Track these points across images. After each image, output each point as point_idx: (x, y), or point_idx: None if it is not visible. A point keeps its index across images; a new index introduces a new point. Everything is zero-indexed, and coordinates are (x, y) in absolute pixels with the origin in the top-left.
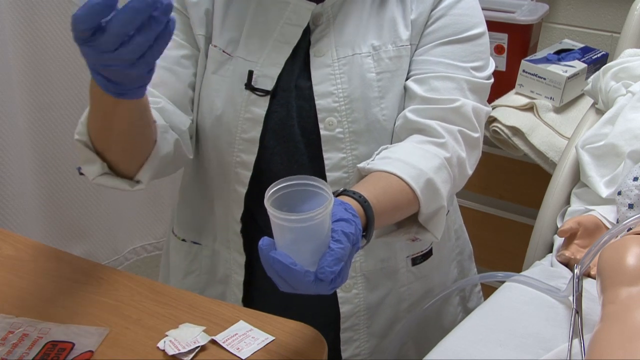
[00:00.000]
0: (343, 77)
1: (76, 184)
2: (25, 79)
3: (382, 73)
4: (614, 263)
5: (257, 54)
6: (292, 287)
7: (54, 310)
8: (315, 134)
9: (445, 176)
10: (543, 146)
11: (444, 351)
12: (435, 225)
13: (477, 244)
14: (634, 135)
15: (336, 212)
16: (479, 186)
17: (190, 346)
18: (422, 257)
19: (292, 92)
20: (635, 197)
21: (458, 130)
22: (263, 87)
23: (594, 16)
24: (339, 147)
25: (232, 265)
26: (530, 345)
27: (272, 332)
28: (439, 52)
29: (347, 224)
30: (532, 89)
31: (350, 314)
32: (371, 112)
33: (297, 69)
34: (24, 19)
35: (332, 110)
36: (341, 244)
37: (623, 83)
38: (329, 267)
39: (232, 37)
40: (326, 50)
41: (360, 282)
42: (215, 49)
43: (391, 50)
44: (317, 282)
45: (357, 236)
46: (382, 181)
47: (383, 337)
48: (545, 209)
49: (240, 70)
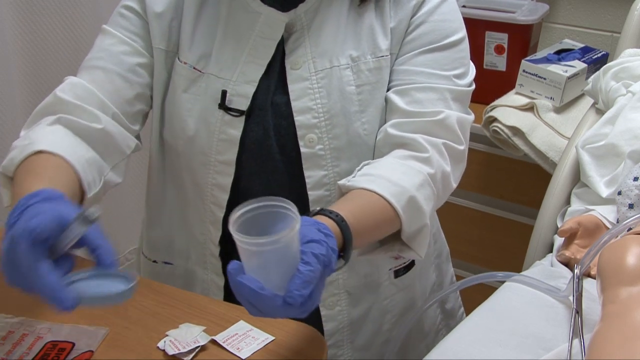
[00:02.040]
0: (322, 91)
1: None
2: (25, 79)
3: (362, 86)
4: (614, 263)
5: (230, 71)
6: (261, 312)
7: (54, 311)
8: (294, 151)
9: (428, 193)
10: (543, 146)
11: (444, 351)
12: (418, 244)
13: (477, 244)
14: (634, 135)
15: (307, 233)
16: (479, 186)
17: (191, 346)
18: (404, 269)
19: (269, 110)
20: (636, 197)
21: (442, 143)
22: (237, 107)
23: (594, 16)
24: (320, 165)
25: (209, 285)
26: (530, 345)
27: (272, 332)
28: (420, 61)
29: (318, 245)
30: (532, 89)
31: (334, 331)
32: (352, 127)
33: (272, 85)
34: (24, 19)
35: (311, 126)
36: (310, 266)
37: (623, 83)
38: (297, 291)
39: (202, 52)
40: (302, 62)
41: (344, 298)
42: (185, 66)
43: (370, 61)
44: (285, 306)
45: (328, 257)
46: (362, 199)
47: (367, 350)
48: (545, 209)
49: (212, 88)
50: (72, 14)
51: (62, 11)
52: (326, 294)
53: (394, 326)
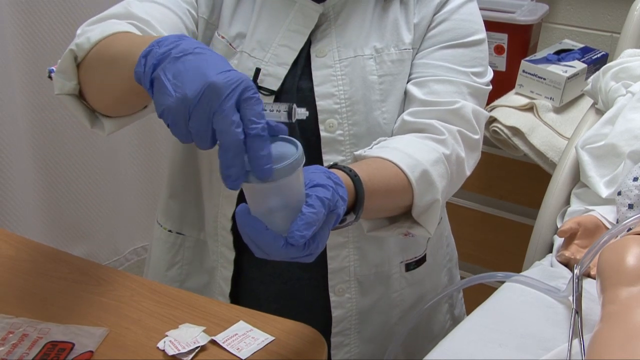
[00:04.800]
0: (344, 78)
1: (76, 184)
2: (25, 79)
3: (384, 76)
4: (613, 263)
5: (263, 52)
6: (264, 252)
7: (54, 311)
8: (315, 135)
9: (442, 170)
10: (543, 146)
11: (444, 351)
12: (428, 220)
13: (477, 244)
14: (633, 135)
15: (314, 177)
16: (479, 186)
17: (190, 346)
18: (415, 263)
19: (294, 94)
20: (635, 197)
21: (457, 130)
22: (268, 86)
23: (594, 16)
24: (339, 150)
25: (219, 258)
26: (530, 345)
27: (272, 332)
28: (440, 56)
29: (324, 189)
30: (532, 89)
31: (341, 318)
32: (372, 115)
33: (299, 70)
34: (24, 19)
35: (332, 112)
36: (314, 209)
37: (623, 83)
38: (298, 232)
39: (239, 30)
40: (328, 50)
41: (354, 286)
42: (222, 41)
43: (394, 53)
44: (287, 246)
45: (334, 202)
46: (377, 164)
47: (373, 342)
48: (545, 209)
49: (244, 66)
50: (72, 14)
51: (62, 11)
52: (336, 280)
53: (400, 321)
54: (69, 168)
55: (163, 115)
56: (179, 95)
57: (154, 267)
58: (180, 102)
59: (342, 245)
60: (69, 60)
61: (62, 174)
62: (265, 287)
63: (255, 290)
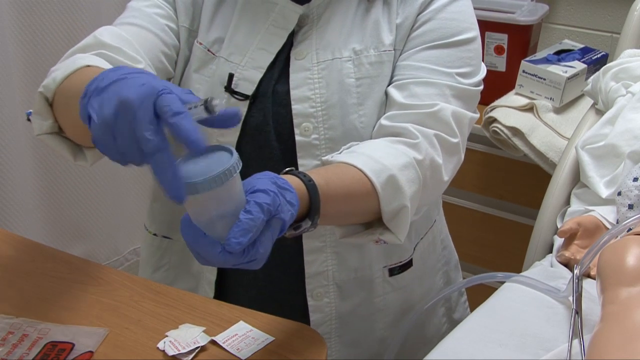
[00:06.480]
0: (321, 81)
1: (76, 184)
2: (25, 79)
3: (362, 79)
4: (613, 263)
5: (240, 56)
6: (205, 259)
7: (54, 311)
8: (291, 140)
9: (411, 176)
10: (543, 146)
11: (444, 351)
12: (398, 226)
13: (477, 244)
14: (633, 135)
15: (255, 183)
16: (479, 186)
17: (190, 346)
18: (400, 268)
19: (270, 98)
20: (635, 197)
21: (434, 134)
22: (243, 91)
23: (594, 16)
24: (314, 154)
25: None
26: (530, 346)
27: (272, 333)
28: (423, 57)
29: (264, 195)
30: (532, 90)
31: (320, 322)
32: (348, 119)
33: (276, 73)
34: (24, 19)
35: (308, 115)
36: (251, 215)
37: (623, 83)
38: (234, 239)
39: (218, 35)
40: (306, 53)
41: (332, 290)
42: (200, 47)
43: (372, 55)
44: (225, 253)
45: (275, 207)
46: (338, 169)
47: (356, 347)
48: (545, 209)
49: (221, 71)
50: (72, 14)
51: (62, 12)
52: (314, 285)
53: (388, 326)
54: (68, 168)
55: (96, 144)
56: (100, 120)
57: (142, 270)
58: (102, 126)
59: (319, 250)
60: (41, 102)
61: (62, 174)
62: (244, 290)
63: (236, 293)
